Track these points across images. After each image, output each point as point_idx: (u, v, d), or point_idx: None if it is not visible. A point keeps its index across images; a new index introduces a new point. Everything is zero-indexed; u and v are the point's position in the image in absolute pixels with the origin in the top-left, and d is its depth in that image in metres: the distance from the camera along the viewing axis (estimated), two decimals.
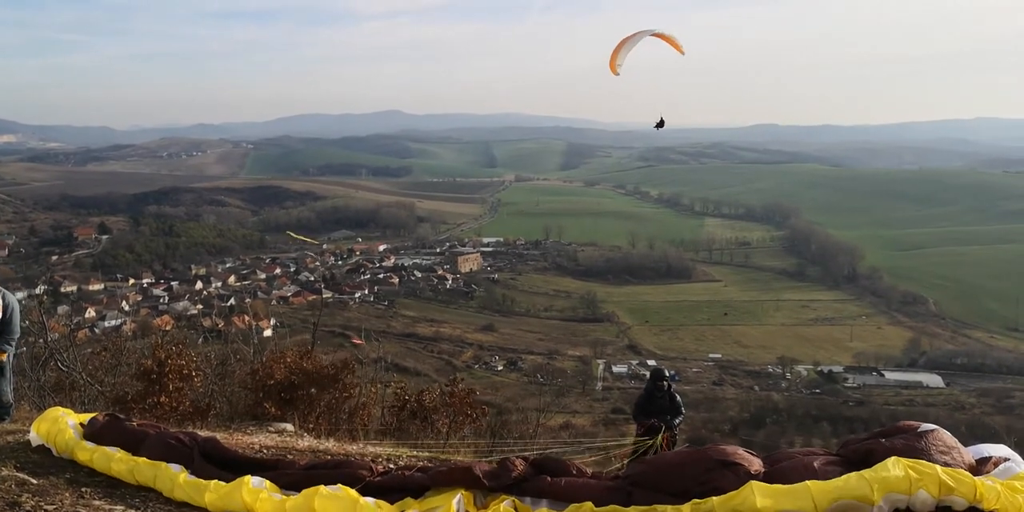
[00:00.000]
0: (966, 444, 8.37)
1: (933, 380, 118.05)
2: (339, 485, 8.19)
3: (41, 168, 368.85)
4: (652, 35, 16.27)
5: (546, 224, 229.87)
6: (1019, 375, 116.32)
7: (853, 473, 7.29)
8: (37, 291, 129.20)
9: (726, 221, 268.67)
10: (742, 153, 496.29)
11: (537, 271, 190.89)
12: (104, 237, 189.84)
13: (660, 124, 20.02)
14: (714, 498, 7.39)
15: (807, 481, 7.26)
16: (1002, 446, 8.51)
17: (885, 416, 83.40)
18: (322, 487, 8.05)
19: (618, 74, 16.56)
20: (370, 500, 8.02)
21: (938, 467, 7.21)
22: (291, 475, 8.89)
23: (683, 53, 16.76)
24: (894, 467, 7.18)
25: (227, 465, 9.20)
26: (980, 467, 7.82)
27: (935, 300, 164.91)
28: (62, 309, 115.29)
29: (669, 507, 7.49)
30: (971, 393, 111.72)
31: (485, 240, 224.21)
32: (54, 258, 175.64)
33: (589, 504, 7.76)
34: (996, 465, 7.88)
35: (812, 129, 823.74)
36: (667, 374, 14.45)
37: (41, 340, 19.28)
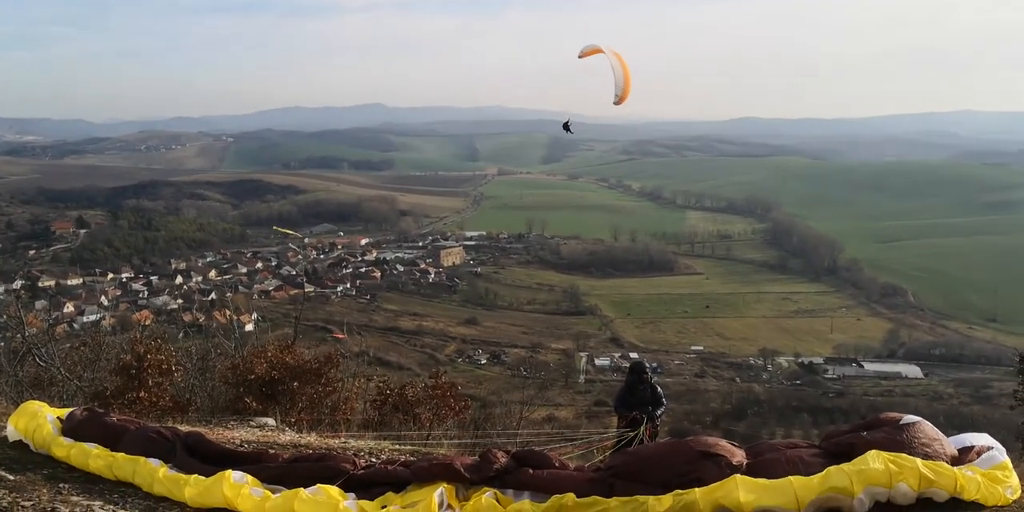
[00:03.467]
0: (944, 434, 8.43)
1: (912, 371, 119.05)
2: (319, 486, 8.13)
3: (18, 161, 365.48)
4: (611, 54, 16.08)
5: (529, 218, 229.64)
6: (996, 365, 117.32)
7: (833, 467, 7.34)
8: (14, 286, 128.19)
9: (708, 214, 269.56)
10: (724, 146, 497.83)
11: (520, 264, 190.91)
12: (82, 231, 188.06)
13: (567, 126, 20.34)
14: (696, 490, 7.41)
15: (790, 477, 7.30)
16: (985, 435, 8.59)
17: (865, 407, 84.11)
18: (302, 491, 7.99)
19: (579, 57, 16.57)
20: (351, 503, 7.97)
21: (918, 460, 7.27)
22: (273, 469, 8.84)
23: (618, 101, 16.48)
24: (874, 461, 7.24)
25: (210, 459, 9.14)
26: (963, 456, 7.89)
27: (914, 292, 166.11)
28: (40, 304, 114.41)
29: (651, 498, 7.50)
30: (949, 383, 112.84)
31: (468, 234, 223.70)
32: (31, 252, 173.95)
33: (571, 495, 7.76)
34: (979, 454, 7.94)
35: (794, 122, 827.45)
36: (647, 366, 14.45)
37: (19, 335, 19.10)
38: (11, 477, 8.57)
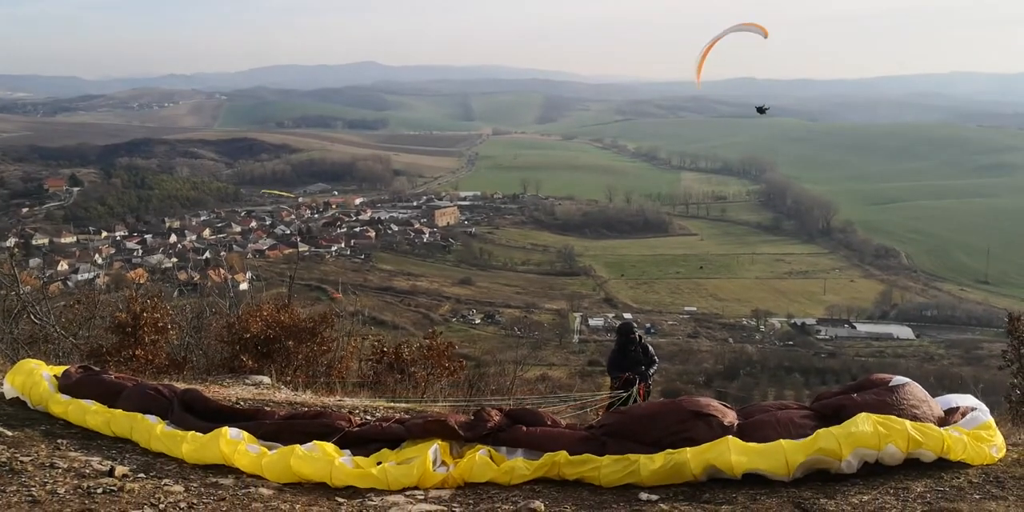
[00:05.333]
0: (934, 394, 8.56)
1: (903, 332, 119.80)
2: (314, 443, 8.22)
3: (9, 118, 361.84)
4: (732, 30, 16.40)
5: (524, 178, 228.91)
6: (987, 327, 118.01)
7: (822, 430, 7.45)
8: (8, 243, 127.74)
9: (703, 175, 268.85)
10: (719, 107, 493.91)
11: (514, 225, 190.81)
12: (75, 189, 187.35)
13: (762, 109, 20.74)
14: (688, 449, 7.51)
15: (780, 440, 7.40)
16: (968, 396, 8.73)
17: (856, 368, 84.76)
18: (297, 447, 8.08)
19: (699, 88, 17.29)
20: (346, 459, 8.06)
21: (907, 422, 7.38)
22: (270, 425, 8.93)
23: (767, 35, 16.86)
24: (863, 423, 7.35)
25: (207, 416, 9.23)
26: (948, 417, 8.02)
27: (907, 253, 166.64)
28: (34, 262, 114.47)
29: (642, 456, 7.60)
30: (940, 344, 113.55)
31: (462, 194, 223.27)
32: (24, 210, 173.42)
33: (563, 453, 7.87)
34: (964, 415, 8.07)
35: (789, 83, 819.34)
36: (635, 328, 14.57)
37: (13, 293, 19.08)
38: (9, 433, 8.65)
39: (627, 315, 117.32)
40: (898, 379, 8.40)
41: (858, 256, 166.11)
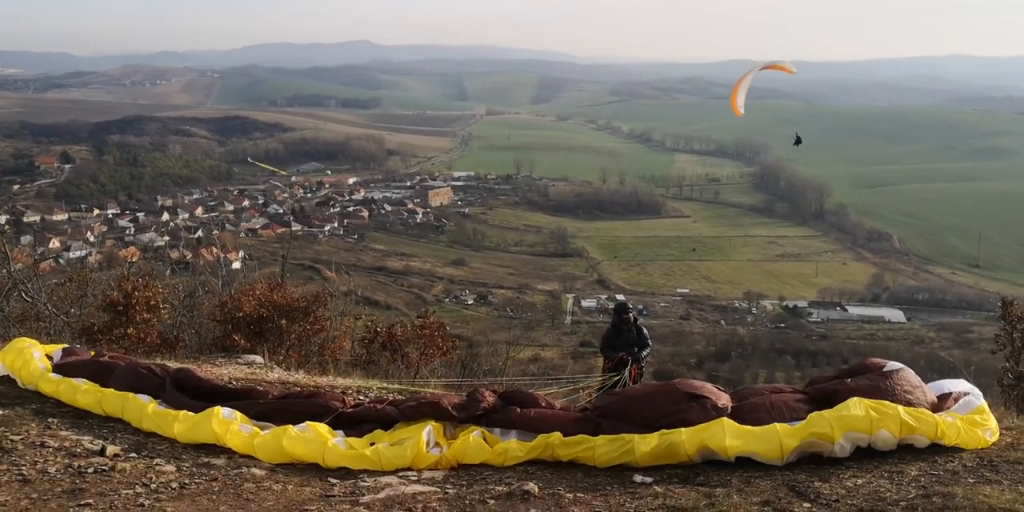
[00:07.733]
0: (924, 378, 8.55)
1: (895, 315, 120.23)
2: (307, 423, 8.19)
3: None
4: (762, 69, 16.98)
5: (517, 158, 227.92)
6: (978, 310, 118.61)
7: (815, 413, 7.44)
8: None
9: (697, 157, 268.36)
10: (714, 89, 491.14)
11: (508, 206, 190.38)
12: (67, 166, 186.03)
13: (798, 141, 21.45)
14: (683, 430, 7.51)
15: (775, 424, 7.39)
16: (961, 380, 8.74)
17: (847, 350, 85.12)
18: (290, 427, 8.05)
19: (742, 115, 17.89)
20: (340, 440, 8.03)
21: (900, 407, 7.37)
22: (263, 405, 8.89)
23: (793, 72, 17.89)
24: (855, 407, 7.34)
25: (199, 395, 9.19)
26: (941, 403, 8.01)
27: (900, 237, 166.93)
28: (25, 239, 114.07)
29: (636, 436, 7.60)
30: (931, 328, 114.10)
31: (456, 174, 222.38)
32: (16, 187, 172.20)
33: (557, 434, 7.86)
34: (956, 400, 8.07)
35: None
36: (631, 307, 14.55)
37: (4, 270, 18.96)
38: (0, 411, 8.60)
39: (620, 296, 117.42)
40: (892, 364, 8.38)
41: (851, 239, 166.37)
